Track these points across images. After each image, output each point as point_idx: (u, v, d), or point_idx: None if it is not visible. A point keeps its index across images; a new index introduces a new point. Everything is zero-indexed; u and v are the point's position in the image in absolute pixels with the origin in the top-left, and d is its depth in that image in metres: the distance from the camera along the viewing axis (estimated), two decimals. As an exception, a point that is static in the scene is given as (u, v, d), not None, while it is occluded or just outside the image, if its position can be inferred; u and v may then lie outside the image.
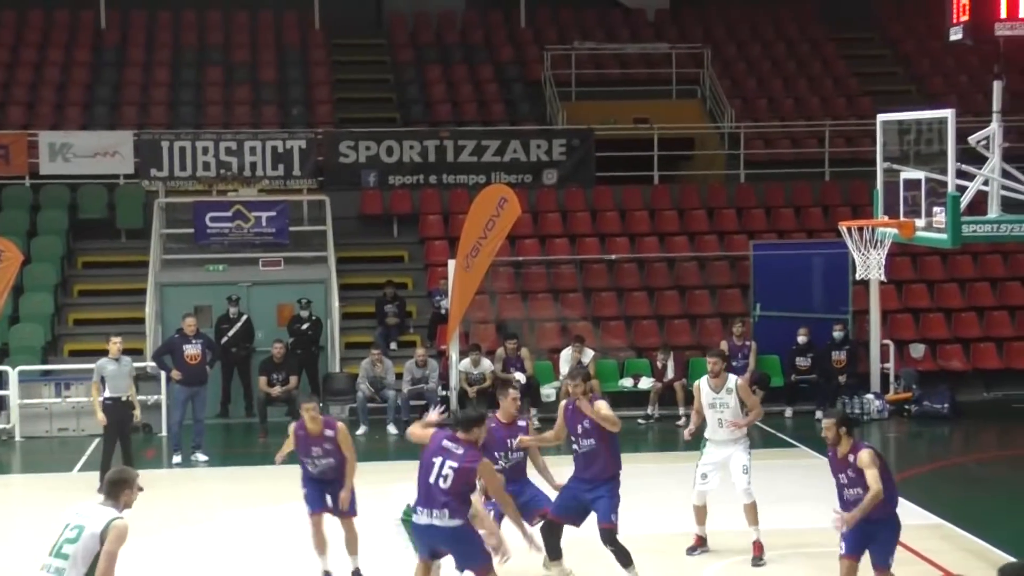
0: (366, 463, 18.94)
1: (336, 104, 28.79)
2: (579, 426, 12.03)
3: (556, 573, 12.18)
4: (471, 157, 26.08)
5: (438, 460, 10.24)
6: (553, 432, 12.41)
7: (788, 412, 22.04)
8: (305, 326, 22.47)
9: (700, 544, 13.40)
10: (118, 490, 8.70)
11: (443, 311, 22.72)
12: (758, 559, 12.88)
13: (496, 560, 10.37)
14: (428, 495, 10.23)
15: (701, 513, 13.37)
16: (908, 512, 15.00)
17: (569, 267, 24.84)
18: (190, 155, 25.37)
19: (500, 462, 11.77)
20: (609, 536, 11.80)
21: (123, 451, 17.21)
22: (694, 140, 28.62)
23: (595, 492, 11.87)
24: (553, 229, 25.71)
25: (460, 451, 10.25)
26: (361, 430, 21.02)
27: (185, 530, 14.57)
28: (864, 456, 10.63)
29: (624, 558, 11.87)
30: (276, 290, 23.33)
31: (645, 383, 22.21)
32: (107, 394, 17.36)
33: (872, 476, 10.48)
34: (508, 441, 12.05)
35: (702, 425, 13.55)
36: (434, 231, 25.53)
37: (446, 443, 10.33)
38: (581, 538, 12.39)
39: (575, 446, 12.17)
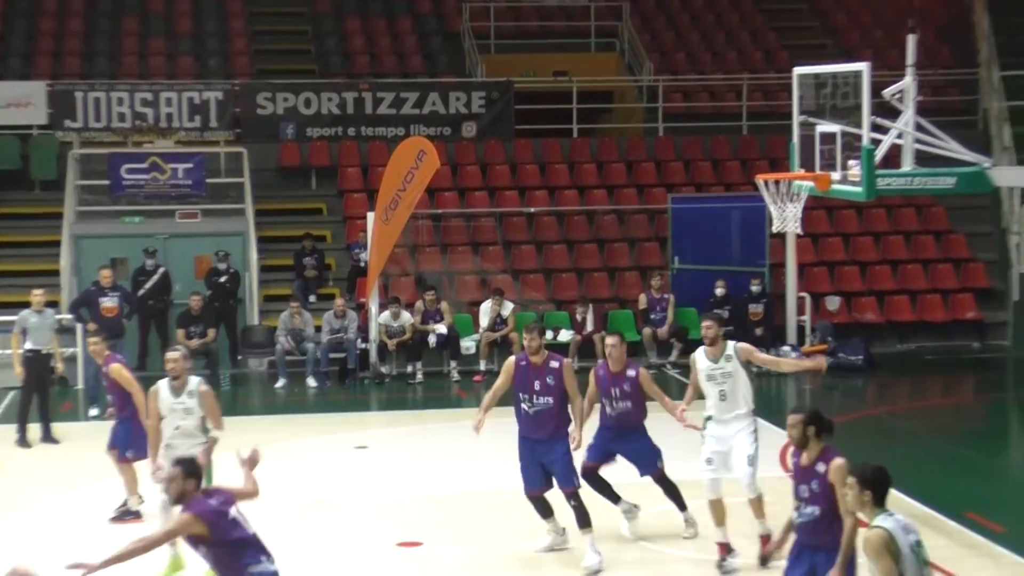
0: (284, 416, 19.09)
1: (254, 55, 28.51)
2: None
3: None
4: (390, 109, 25.96)
5: None
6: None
7: (705, 364, 22.24)
8: (223, 279, 22.32)
9: (726, 553, 11.43)
10: None
11: (362, 264, 22.67)
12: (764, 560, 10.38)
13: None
14: None
15: (718, 510, 11.50)
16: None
17: (488, 220, 24.86)
18: (105, 106, 25.04)
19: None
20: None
21: (40, 404, 17.06)
22: (613, 93, 28.69)
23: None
24: (472, 182, 25.69)
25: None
26: (280, 383, 20.98)
27: (105, 484, 14.45)
28: (836, 467, 8.62)
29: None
30: (193, 242, 23.14)
31: (564, 336, 22.32)
32: (28, 346, 17.16)
33: (843, 498, 8.10)
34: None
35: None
36: (353, 184, 25.42)
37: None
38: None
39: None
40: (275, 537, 10.63)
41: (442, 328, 21.50)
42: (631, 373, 12.18)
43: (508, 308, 21.98)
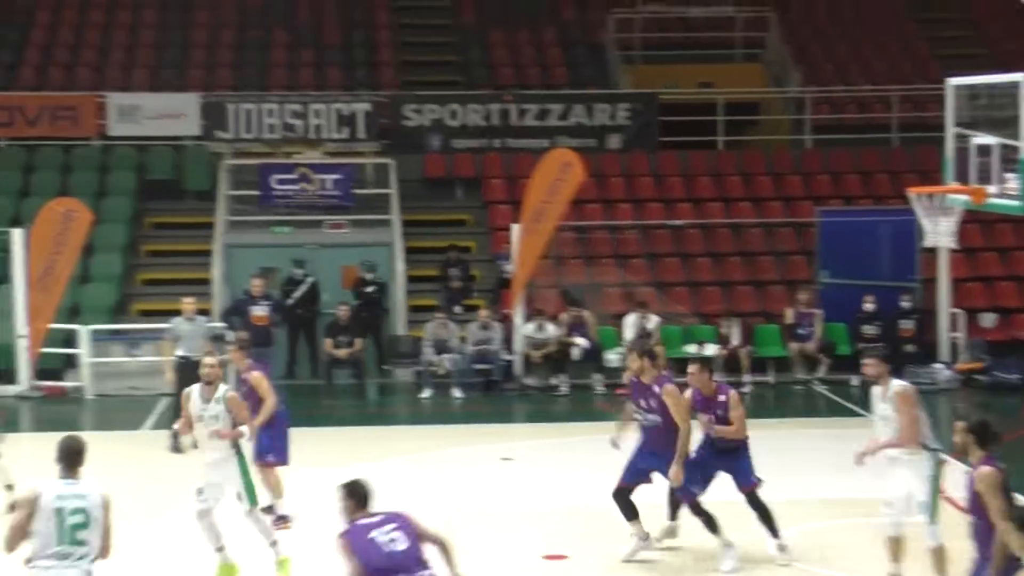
0: (429, 427, 19.22)
1: (400, 67, 28.80)
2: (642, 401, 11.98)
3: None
4: (535, 121, 26.04)
5: None
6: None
7: (855, 381, 21.85)
8: (370, 289, 22.57)
9: None
10: (79, 460, 8.38)
11: (507, 275, 22.75)
12: None
13: None
14: None
15: (896, 548, 11.11)
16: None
17: (633, 232, 24.77)
18: (255, 117, 25.51)
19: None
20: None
21: None
22: (759, 105, 28.41)
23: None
24: (617, 194, 25.63)
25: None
26: (426, 393, 21.13)
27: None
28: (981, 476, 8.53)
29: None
30: (341, 253, 23.44)
31: (710, 349, 22.14)
32: (179, 353, 17.48)
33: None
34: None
35: None
36: (498, 195, 25.53)
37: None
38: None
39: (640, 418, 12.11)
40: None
41: (585, 341, 21.47)
42: (721, 398, 12.15)
43: (653, 321, 21.87)
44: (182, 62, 28.63)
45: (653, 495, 12.22)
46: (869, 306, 22.25)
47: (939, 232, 14.47)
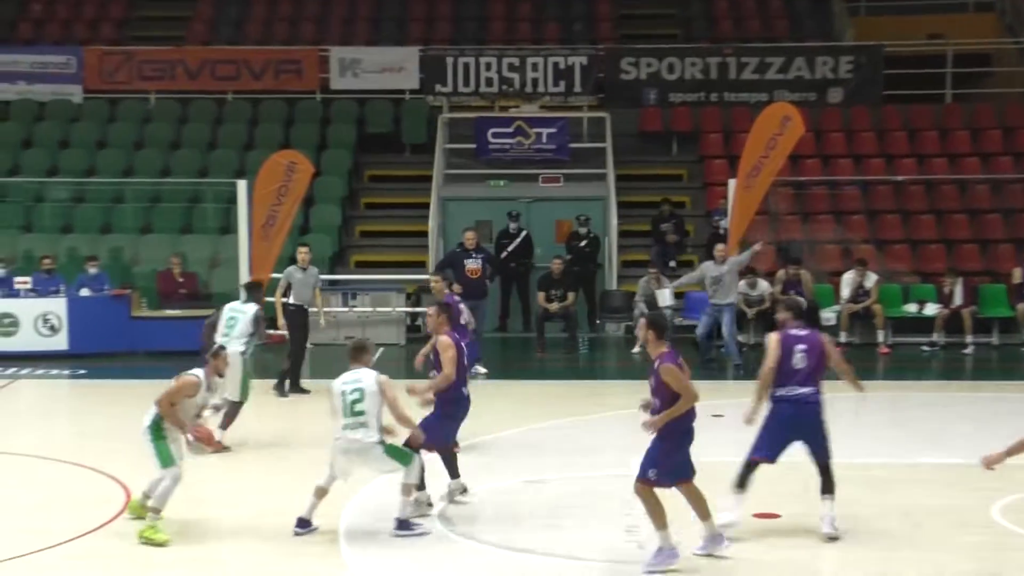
0: (640, 382, 19.07)
1: (618, 21, 28.59)
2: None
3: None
4: (754, 75, 25.60)
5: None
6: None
7: (1086, 344, 21.05)
8: (583, 243, 22.54)
9: None
10: (363, 355, 11.05)
11: (722, 231, 22.42)
12: None
13: None
14: None
15: None
16: None
17: (853, 188, 24.17)
18: (473, 71, 25.68)
19: None
20: None
21: (294, 355, 17.57)
22: (991, 56, 27.35)
23: None
24: (837, 149, 25.04)
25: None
26: (637, 348, 21.01)
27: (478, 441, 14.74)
28: None
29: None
30: (555, 206, 23.47)
31: (931, 309, 21.51)
32: (291, 301, 17.79)
33: None
34: None
35: None
36: (714, 150, 25.19)
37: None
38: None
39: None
40: (630, 496, 10.67)
41: (801, 300, 21.01)
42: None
43: (871, 279, 21.33)
44: (402, 16, 28.95)
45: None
46: (1103, 267, 21.32)
47: None
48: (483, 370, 19.27)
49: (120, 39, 28.33)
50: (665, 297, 20.98)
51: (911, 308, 21.83)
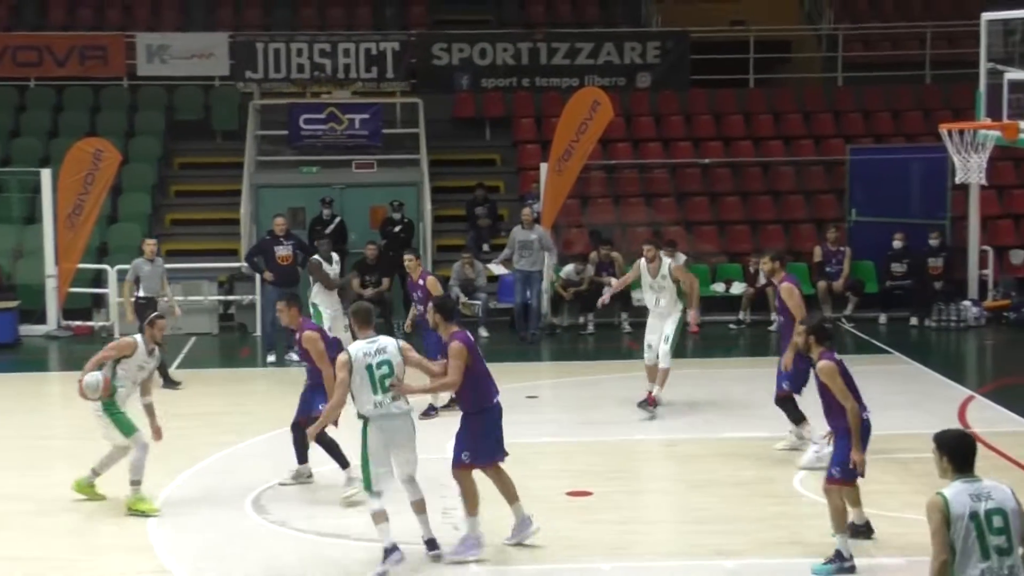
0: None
1: (430, 6, 28.63)
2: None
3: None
4: (564, 60, 25.87)
5: None
6: None
7: (882, 318, 21.82)
8: (398, 228, 22.55)
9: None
10: (370, 318, 10.43)
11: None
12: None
13: None
14: None
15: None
16: (1005, 420, 14.95)
17: (662, 171, 24.64)
18: (284, 57, 25.44)
19: None
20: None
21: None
22: (791, 43, 28.13)
23: None
24: (646, 133, 25.49)
25: None
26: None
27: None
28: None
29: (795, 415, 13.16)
30: (369, 192, 23.42)
31: (737, 288, 22.08)
32: (140, 293, 17.87)
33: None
34: None
35: None
36: (527, 134, 25.42)
37: None
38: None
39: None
40: (447, 479, 10.79)
41: (614, 281, 21.38)
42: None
43: (680, 260, 21.75)
44: (211, 1, 28.54)
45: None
46: (898, 243, 22.13)
47: (970, 169, 14.33)
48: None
49: (-85, 24, 27.37)
50: (493, 270, 21.27)
51: (718, 287, 22.38)
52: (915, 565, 9.35)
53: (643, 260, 15.36)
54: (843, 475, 10.17)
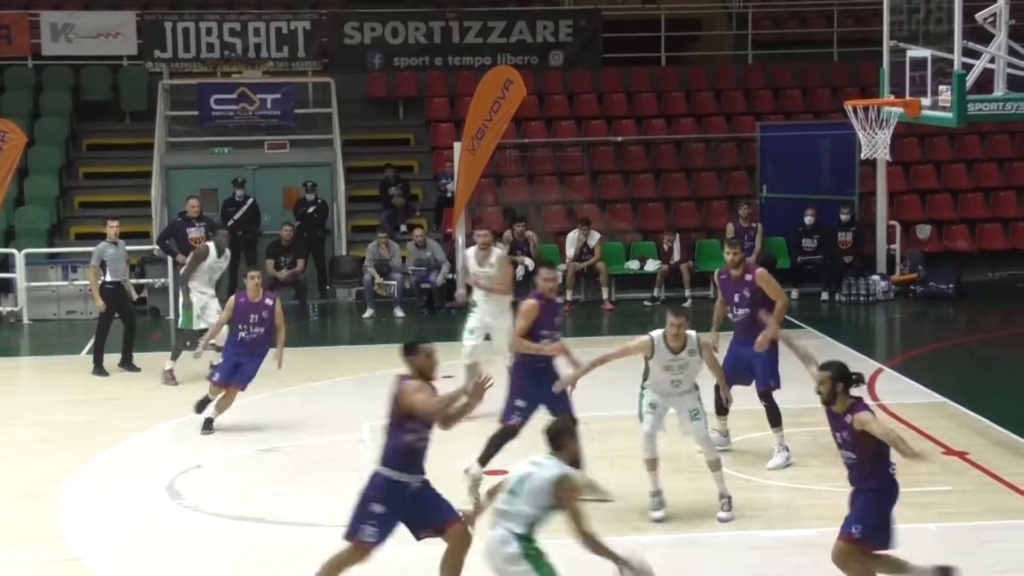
0: (372, 347, 19.19)
1: (341, -16, 28.43)
2: (736, 295, 12.68)
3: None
4: (477, 38, 25.86)
5: None
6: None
7: (794, 294, 22.04)
8: (311, 209, 22.44)
9: None
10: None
11: (449, 194, 22.67)
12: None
13: None
14: None
15: None
16: (913, 391, 15.22)
17: (575, 149, 24.73)
18: (194, 36, 25.21)
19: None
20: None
21: (127, 332, 17.22)
22: (702, 21, 28.31)
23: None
24: (559, 111, 25.56)
25: None
26: (368, 313, 21.11)
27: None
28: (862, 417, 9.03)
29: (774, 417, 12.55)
30: (282, 173, 23.27)
31: (651, 265, 22.23)
32: (107, 278, 16.99)
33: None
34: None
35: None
36: (440, 114, 25.39)
37: None
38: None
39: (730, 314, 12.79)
40: (362, 462, 10.77)
41: (529, 260, 21.46)
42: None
43: (595, 238, 21.91)
44: (118, -20, 28.14)
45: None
46: (809, 219, 22.42)
47: (875, 145, 14.49)
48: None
49: None
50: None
51: (633, 265, 22.52)
52: (825, 536, 9.49)
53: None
54: (864, 535, 8.80)
